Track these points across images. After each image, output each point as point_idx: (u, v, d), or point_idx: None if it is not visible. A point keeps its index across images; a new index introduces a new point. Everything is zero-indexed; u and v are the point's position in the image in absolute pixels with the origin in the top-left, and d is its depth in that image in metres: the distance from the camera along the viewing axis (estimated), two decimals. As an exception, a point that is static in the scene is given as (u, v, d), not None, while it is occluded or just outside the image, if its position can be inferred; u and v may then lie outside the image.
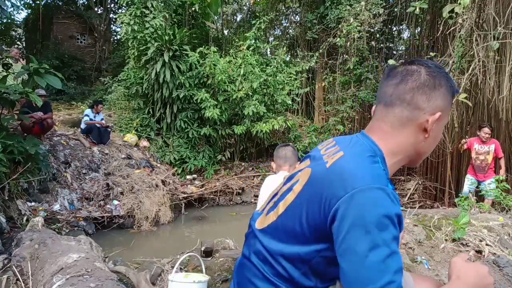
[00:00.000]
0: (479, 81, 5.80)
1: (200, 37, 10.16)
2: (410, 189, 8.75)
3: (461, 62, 5.52)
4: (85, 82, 14.66)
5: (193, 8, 9.26)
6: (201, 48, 8.19)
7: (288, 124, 8.64)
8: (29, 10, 15.55)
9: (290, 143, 2.66)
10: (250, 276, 0.93)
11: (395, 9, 9.35)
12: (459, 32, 5.30)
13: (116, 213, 5.59)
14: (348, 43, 8.42)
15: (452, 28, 5.59)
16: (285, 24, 13.32)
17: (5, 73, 4.52)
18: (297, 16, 12.73)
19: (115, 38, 17.63)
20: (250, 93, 7.91)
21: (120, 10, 15.03)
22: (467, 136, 6.47)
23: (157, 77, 7.80)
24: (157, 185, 6.38)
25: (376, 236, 0.74)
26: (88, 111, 7.38)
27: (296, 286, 0.88)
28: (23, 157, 4.44)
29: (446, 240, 2.69)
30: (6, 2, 4.75)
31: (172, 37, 7.82)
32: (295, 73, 8.79)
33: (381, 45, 9.33)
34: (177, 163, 8.03)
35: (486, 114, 6.96)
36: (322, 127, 10.39)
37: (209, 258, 2.06)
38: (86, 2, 16.57)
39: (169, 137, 8.35)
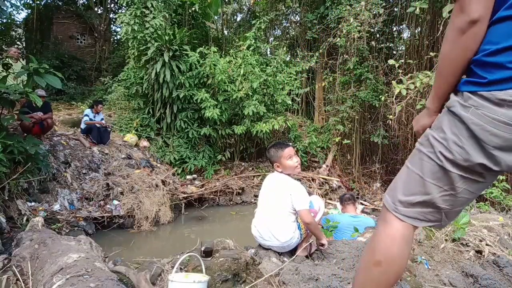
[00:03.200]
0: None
1: (200, 37, 10.16)
2: (410, 189, 8.74)
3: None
4: (85, 82, 14.67)
5: (193, 8, 9.26)
6: (201, 48, 8.20)
7: (288, 124, 8.65)
8: (29, 10, 15.55)
9: (273, 144, 2.60)
10: None
11: (395, 9, 9.35)
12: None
13: (116, 213, 5.59)
14: (348, 43, 8.42)
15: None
16: (285, 24, 13.32)
17: (5, 73, 4.51)
18: (297, 16, 12.74)
19: (115, 38, 17.63)
20: (250, 93, 7.91)
21: (120, 10, 15.04)
22: None
23: (157, 77, 7.80)
24: (157, 185, 6.38)
25: None
26: (88, 111, 7.38)
27: None
28: (23, 157, 4.44)
29: (446, 240, 2.69)
30: (6, 2, 4.74)
31: (172, 37, 7.82)
32: (295, 73, 8.79)
33: (381, 45, 9.31)
34: (177, 163, 8.03)
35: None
36: (322, 127, 10.40)
37: (209, 258, 2.06)
38: (86, 2, 16.57)
39: (169, 137, 8.35)
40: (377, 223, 1.25)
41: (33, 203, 4.84)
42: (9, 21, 13.64)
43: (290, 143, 2.64)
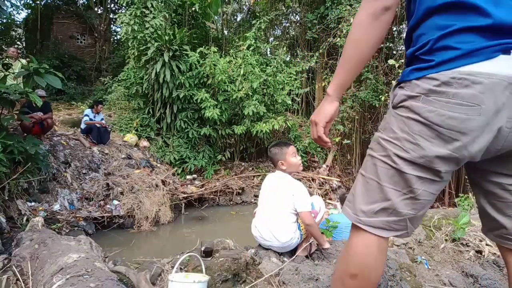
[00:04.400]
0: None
1: (200, 37, 10.17)
2: (410, 189, 8.75)
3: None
4: (85, 82, 14.67)
5: (193, 8, 9.26)
6: (201, 48, 8.20)
7: (288, 124, 8.65)
8: (29, 10, 15.56)
9: (276, 143, 2.60)
10: None
11: (395, 9, 9.35)
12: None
13: (116, 213, 5.59)
14: (348, 43, 8.41)
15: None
16: (285, 24, 13.32)
17: (5, 73, 4.52)
18: (297, 16, 12.74)
19: (115, 38, 17.64)
20: (250, 93, 7.91)
21: (120, 10, 15.05)
22: None
23: (157, 77, 7.80)
24: (157, 185, 6.38)
25: None
26: (88, 111, 7.38)
27: None
28: (23, 157, 4.44)
29: (446, 240, 2.69)
30: (6, 2, 4.74)
31: (172, 37, 7.82)
32: (295, 73, 8.79)
33: (381, 45, 9.31)
34: (177, 163, 8.03)
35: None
36: (322, 127, 10.38)
37: (209, 258, 2.06)
38: (86, 2, 16.58)
39: (169, 137, 8.35)
40: (350, 234, 1.20)
41: (33, 203, 4.84)
42: (9, 21, 13.66)
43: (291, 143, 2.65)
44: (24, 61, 5.17)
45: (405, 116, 0.98)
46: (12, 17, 14.02)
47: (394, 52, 10.16)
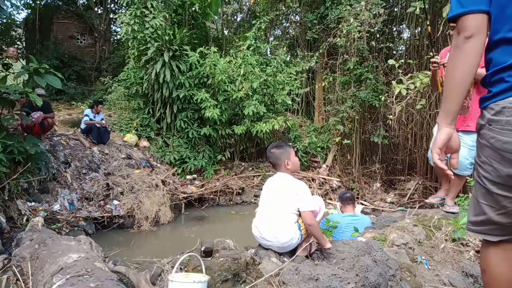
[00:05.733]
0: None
1: (200, 37, 10.16)
2: (410, 189, 8.76)
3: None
4: (85, 82, 14.65)
5: (193, 8, 9.26)
6: (201, 48, 8.20)
7: (288, 124, 8.64)
8: (29, 10, 15.55)
9: (276, 144, 2.61)
10: None
11: (395, 9, 9.36)
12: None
13: (116, 213, 5.59)
14: (348, 43, 8.42)
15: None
16: (285, 24, 13.32)
17: (5, 73, 4.51)
18: (297, 16, 12.73)
19: (115, 38, 17.62)
20: (250, 93, 7.91)
21: (120, 10, 15.04)
22: None
23: (157, 77, 7.80)
24: (157, 185, 6.38)
25: None
26: (88, 111, 7.38)
27: None
28: (23, 157, 4.44)
29: (446, 240, 2.69)
30: (6, 2, 4.74)
31: (172, 37, 7.82)
32: (295, 73, 8.79)
33: (381, 45, 9.31)
34: (177, 163, 8.03)
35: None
36: (322, 127, 10.39)
37: (209, 258, 2.06)
38: (86, 2, 16.56)
39: (169, 137, 8.35)
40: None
41: (33, 203, 4.84)
42: (9, 21, 13.65)
43: (290, 143, 2.66)
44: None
45: (481, 143, 1.14)
46: (12, 17, 14.00)
47: (394, 52, 10.16)
